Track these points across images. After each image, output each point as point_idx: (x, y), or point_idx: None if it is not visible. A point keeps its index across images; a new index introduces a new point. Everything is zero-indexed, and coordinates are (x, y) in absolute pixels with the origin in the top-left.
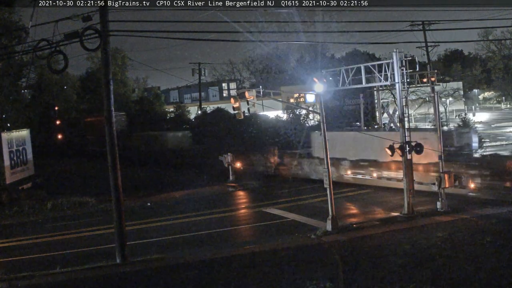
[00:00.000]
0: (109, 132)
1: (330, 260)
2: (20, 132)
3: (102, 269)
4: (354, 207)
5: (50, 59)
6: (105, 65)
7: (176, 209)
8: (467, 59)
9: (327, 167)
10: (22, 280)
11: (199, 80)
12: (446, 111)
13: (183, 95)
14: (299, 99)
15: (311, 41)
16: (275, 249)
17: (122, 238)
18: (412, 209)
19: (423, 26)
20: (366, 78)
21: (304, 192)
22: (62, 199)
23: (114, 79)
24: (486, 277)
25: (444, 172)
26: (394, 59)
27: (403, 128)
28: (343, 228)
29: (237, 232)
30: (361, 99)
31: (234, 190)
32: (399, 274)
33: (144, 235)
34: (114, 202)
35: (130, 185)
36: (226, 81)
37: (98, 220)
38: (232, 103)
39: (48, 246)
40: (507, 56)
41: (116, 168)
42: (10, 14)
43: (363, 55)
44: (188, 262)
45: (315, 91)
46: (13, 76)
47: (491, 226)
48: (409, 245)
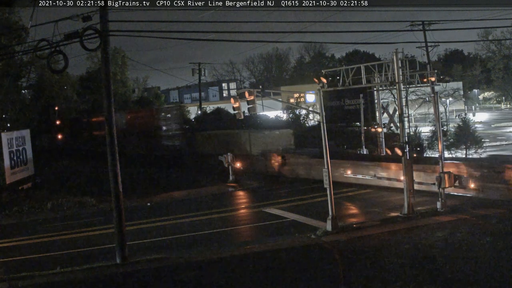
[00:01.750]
0: (109, 132)
1: (330, 260)
2: (20, 132)
3: (102, 269)
4: (354, 207)
5: (50, 59)
6: (105, 65)
7: (176, 209)
8: (467, 59)
9: (327, 167)
10: (22, 280)
11: (199, 80)
12: (446, 111)
13: (183, 95)
14: (299, 99)
15: (311, 41)
16: (275, 249)
17: (122, 238)
18: (412, 209)
19: (423, 26)
20: (366, 78)
21: (304, 192)
22: (62, 199)
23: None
24: (486, 277)
25: (444, 172)
26: (394, 59)
27: (403, 128)
28: (343, 228)
29: (237, 232)
30: (361, 99)
31: (234, 190)
32: (399, 274)
33: (144, 235)
34: (114, 202)
35: (130, 185)
36: (226, 81)
37: (98, 220)
38: (232, 103)
39: (48, 246)
40: (507, 56)
41: (116, 168)
42: (10, 14)
43: (363, 55)
44: (188, 262)
45: (315, 91)
46: (13, 76)
47: (491, 226)
48: (409, 245)
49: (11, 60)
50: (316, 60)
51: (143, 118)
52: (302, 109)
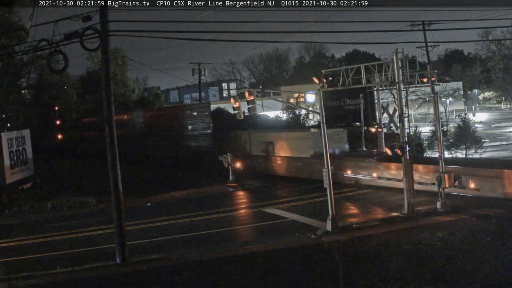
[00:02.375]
0: (109, 132)
1: (330, 260)
2: (20, 132)
3: (102, 269)
4: (354, 207)
5: (50, 59)
6: (105, 65)
7: (176, 209)
8: (467, 59)
9: (327, 167)
10: (22, 280)
11: (199, 80)
12: (446, 111)
13: (183, 95)
14: (299, 99)
15: (311, 41)
16: (275, 249)
17: (122, 238)
18: (412, 209)
19: (423, 26)
20: (366, 78)
21: (304, 192)
22: (62, 199)
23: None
24: (486, 277)
25: (444, 172)
26: (394, 59)
27: (403, 128)
28: (343, 228)
29: (237, 232)
30: (361, 99)
31: (234, 190)
32: (399, 274)
33: (144, 235)
34: (114, 202)
35: (131, 185)
36: (226, 81)
37: (98, 220)
38: (232, 103)
39: (48, 246)
40: (507, 56)
41: (116, 168)
42: (10, 14)
43: (363, 55)
44: (188, 262)
45: (315, 91)
46: (13, 76)
47: (491, 226)
48: (409, 245)
49: (11, 60)
50: (316, 60)
51: (167, 117)
52: (302, 109)
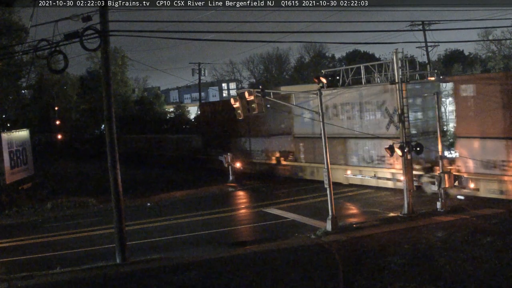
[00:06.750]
0: (109, 132)
1: (330, 260)
2: (20, 132)
3: (102, 269)
4: (354, 207)
5: (50, 59)
6: (105, 65)
7: (176, 209)
8: (467, 59)
9: (327, 167)
10: (22, 280)
11: (199, 80)
12: (446, 111)
13: (183, 95)
14: None
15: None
16: (275, 249)
17: (122, 238)
18: (412, 209)
19: (423, 26)
20: (366, 78)
21: (304, 192)
22: (62, 199)
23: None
24: (486, 277)
25: (444, 172)
26: (394, 59)
27: (403, 128)
28: (343, 228)
29: (237, 232)
30: None
31: (234, 190)
32: (399, 274)
33: (144, 235)
34: (114, 202)
35: (130, 185)
36: (226, 81)
37: (98, 220)
38: (232, 103)
39: (48, 246)
40: (507, 56)
41: (116, 168)
42: (10, 14)
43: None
44: (188, 262)
45: (315, 90)
46: (13, 76)
47: (491, 226)
48: (409, 245)
49: (11, 60)
50: (316, 60)
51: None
52: (302, 109)
